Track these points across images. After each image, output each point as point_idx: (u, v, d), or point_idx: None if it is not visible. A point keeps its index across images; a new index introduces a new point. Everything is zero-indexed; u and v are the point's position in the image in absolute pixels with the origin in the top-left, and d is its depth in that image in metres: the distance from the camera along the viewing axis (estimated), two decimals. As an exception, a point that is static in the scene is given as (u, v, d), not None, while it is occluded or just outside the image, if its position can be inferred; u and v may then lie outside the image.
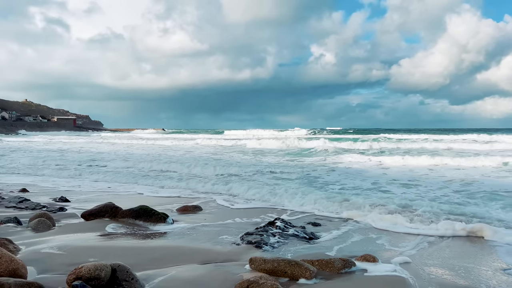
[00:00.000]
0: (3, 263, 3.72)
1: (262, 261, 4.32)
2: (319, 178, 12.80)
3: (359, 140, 35.93)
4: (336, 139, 39.87)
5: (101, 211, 7.14)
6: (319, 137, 47.75)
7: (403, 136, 44.34)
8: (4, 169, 16.92)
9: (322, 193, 9.63)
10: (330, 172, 14.35)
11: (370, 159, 19.14)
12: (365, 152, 24.30)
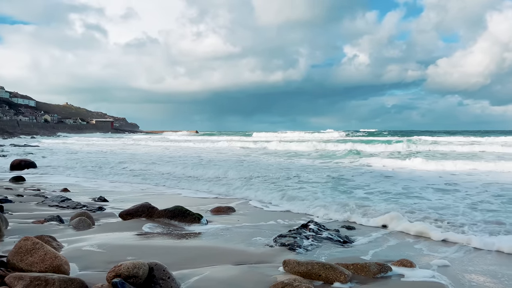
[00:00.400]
0: (47, 259, 3.90)
1: (296, 263, 4.31)
2: (349, 182, 12.43)
3: (393, 142, 35.04)
4: (368, 141, 38.99)
5: (138, 211, 7.34)
6: (351, 139, 46.93)
7: (439, 139, 42.72)
8: (46, 170, 17.68)
9: (350, 198, 9.43)
10: (359, 176, 13.80)
11: (404, 162, 18.48)
12: (399, 155, 23.66)
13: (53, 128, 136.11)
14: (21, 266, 3.84)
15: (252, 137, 64.68)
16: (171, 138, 65.59)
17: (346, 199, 9.24)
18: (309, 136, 61.42)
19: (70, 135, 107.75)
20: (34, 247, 3.94)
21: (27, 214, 7.42)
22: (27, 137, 78.29)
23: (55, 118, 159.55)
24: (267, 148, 33.56)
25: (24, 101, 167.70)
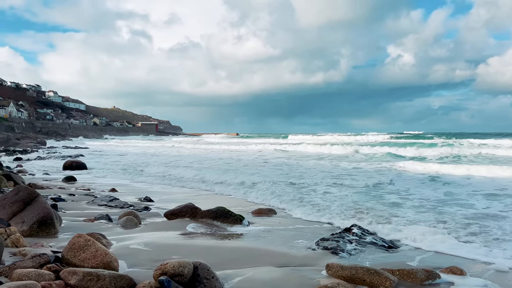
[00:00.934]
0: (98, 256, 4.08)
1: (339, 267, 4.24)
2: (387, 187, 11.81)
3: (439, 144, 33.57)
4: (413, 143, 37.49)
5: (182, 211, 7.51)
6: (396, 141, 45.44)
7: (490, 141, 40.18)
8: (95, 170, 18.49)
9: (387, 205, 9.10)
10: (400, 180, 13.27)
11: (449, 166, 17.37)
12: (445, 159, 22.55)
13: (101, 130, 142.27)
14: (75, 262, 4.04)
15: (287, 139, 64.29)
16: (208, 141, 66.93)
17: (383, 207, 8.85)
18: (350, 139, 60.14)
19: (117, 137, 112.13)
20: (86, 244, 4.13)
21: (79, 213, 7.81)
22: (77, 139, 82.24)
23: (103, 121, 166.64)
24: (302, 152, 32.88)
25: (75, 105, 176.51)
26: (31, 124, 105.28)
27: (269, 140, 62.24)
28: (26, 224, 5.76)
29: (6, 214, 5.99)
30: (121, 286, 3.65)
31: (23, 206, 6.10)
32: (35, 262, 3.93)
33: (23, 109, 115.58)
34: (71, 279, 3.61)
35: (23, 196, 6.20)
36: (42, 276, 3.52)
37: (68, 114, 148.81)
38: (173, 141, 71.56)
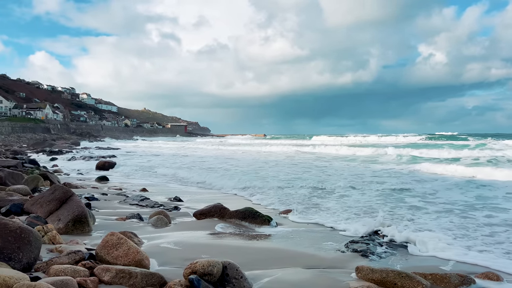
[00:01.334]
0: (130, 254, 4.18)
1: (369, 270, 4.18)
2: (414, 191, 11.32)
3: (472, 146, 32.34)
4: (443, 145, 36.24)
5: (211, 211, 7.59)
6: (428, 143, 44.23)
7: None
8: (126, 171, 18.95)
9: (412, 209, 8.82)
10: (428, 183, 12.77)
11: (483, 168, 16.46)
12: (479, 160, 21.61)
13: (132, 131, 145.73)
14: (108, 259, 4.16)
15: (311, 140, 63.54)
16: (232, 142, 67.42)
17: (403, 210, 8.50)
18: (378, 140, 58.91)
19: (147, 138, 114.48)
20: (119, 242, 4.24)
21: (111, 212, 8.02)
22: (109, 140, 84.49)
23: (134, 123, 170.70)
24: (325, 153, 31.87)
25: (107, 107, 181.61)
26: (66, 125, 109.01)
27: (293, 141, 62.03)
28: (62, 222, 5.97)
29: (43, 212, 6.23)
30: (152, 284, 3.73)
31: (59, 205, 6.33)
32: (71, 259, 4.07)
33: (58, 111, 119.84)
34: (104, 276, 3.72)
35: (59, 195, 6.43)
36: (78, 273, 3.64)
37: (100, 116, 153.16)
38: (197, 142, 72.64)
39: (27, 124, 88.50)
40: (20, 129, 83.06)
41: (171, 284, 3.54)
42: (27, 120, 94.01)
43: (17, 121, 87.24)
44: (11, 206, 6.52)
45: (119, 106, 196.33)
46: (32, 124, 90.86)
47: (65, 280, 3.28)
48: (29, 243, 3.87)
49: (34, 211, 6.30)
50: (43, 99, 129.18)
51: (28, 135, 77.25)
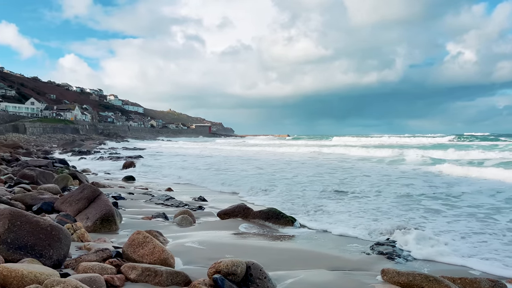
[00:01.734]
0: (156, 252, 4.24)
1: (395, 273, 4.09)
2: (437, 193, 11.05)
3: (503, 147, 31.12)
4: (471, 146, 34.98)
5: (234, 211, 7.63)
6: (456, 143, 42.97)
7: None
8: (152, 170, 19.26)
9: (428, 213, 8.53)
10: (454, 186, 12.27)
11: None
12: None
13: (158, 132, 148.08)
14: (134, 257, 4.23)
15: (331, 141, 62.72)
16: (252, 143, 67.75)
17: (421, 213, 8.30)
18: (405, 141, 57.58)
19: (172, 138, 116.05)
20: (145, 240, 4.32)
21: (137, 211, 8.17)
22: (136, 141, 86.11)
23: (160, 123, 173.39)
24: (345, 154, 30.80)
25: (134, 108, 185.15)
26: (94, 126, 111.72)
27: (313, 141, 61.60)
28: (90, 220, 6.12)
29: (72, 211, 6.41)
30: (177, 283, 3.77)
31: (88, 204, 6.49)
32: (99, 256, 4.17)
33: (87, 112, 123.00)
34: (131, 274, 3.79)
35: (88, 194, 6.60)
36: (105, 270, 3.72)
37: (127, 117, 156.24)
38: (217, 142, 73.49)
39: (57, 125, 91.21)
40: (51, 129, 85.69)
41: (196, 283, 3.58)
42: (57, 121, 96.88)
43: (48, 122, 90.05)
44: (42, 204, 6.73)
45: (145, 107, 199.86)
46: (62, 125, 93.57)
47: (93, 277, 3.36)
48: (59, 241, 3.99)
49: (63, 210, 6.49)
50: (72, 100, 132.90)
51: (58, 136, 79.65)
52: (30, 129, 78.57)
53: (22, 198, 7.11)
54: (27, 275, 3.11)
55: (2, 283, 3.06)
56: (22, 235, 3.84)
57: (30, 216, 4.05)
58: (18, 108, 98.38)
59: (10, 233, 3.80)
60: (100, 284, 3.35)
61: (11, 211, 3.98)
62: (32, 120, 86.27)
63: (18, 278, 3.08)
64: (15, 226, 3.86)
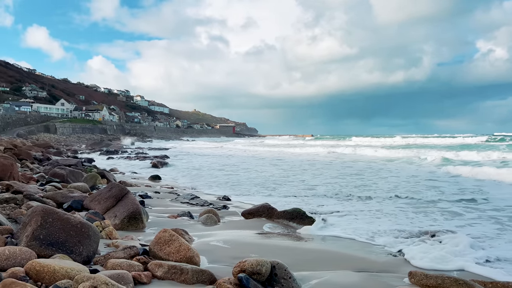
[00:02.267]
0: (182, 250, 4.30)
1: (423, 276, 4.01)
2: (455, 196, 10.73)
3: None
4: (495, 147, 33.48)
5: (259, 211, 7.64)
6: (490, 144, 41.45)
7: None
8: (177, 170, 19.52)
9: None
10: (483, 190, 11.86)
11: None
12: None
13: (183, 132, 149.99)
14: (160, 255, 4.30)
15: (350, 141, 61.76)
16: (271, 143, 67.58)
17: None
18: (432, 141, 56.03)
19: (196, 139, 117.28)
20: (171, 238, 4.38)
21: (163, 209, 8.29)
22: (161, 141, 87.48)
23: (185, 124, 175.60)
24: (365, 155, 30.16)
25: (159, 109, 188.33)
26: (121, 126, 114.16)
27: (331, 142, 61.06)
28: (118, 218, 6.26)
29: (101, 209, 6.56)
30: (203, 281, 3.81)
31: (115, 202, 6.64)
32: (126, 254, 4.26)
33: (114, 113, 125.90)
34: (157, 271, 3.85)
35: (115, 193, 6.75)
36: (133, 267, 3.80)
37: (153, 117, 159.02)
38: (235, 142, 73.93)
39: (86, 125, 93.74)
40: (80, 129, 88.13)
41: (221, 281, 3.60)
42: (86, 121, 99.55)
43: (77, 122, 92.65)
44: (72, 202, 6.93)
45: (170, 108, 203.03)
46: (91, 125, 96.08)
47: (121, 274, 3.43)
48: (88, 237, 4.10)
49: (92, 208, 6.65)
50: (100, 101, 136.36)
51: (87, 136, 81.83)
52: (60, 129, 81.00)
53: (53, 196, 7.33)
54: (58, 270, 3.21)
55: (35, 278, 3.17)
56: (54, 231, 3.96)
57: (61, 213, 4.17)
58: (49, 109, 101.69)
59: (43, 230, 3.93)
60: (128, 280, 3.42)
61: (44, 208, 4.12)
62: (62, 121, 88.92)
63: (50, 273, 3.18)
64: (47, 223, 3.98)
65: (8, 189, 7.60)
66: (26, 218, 4.22)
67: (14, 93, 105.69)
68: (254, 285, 3.59)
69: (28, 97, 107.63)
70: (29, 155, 17.35)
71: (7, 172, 9.14)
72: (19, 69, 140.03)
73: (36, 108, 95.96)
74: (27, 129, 70.05)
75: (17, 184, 7.90)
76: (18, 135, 56.36)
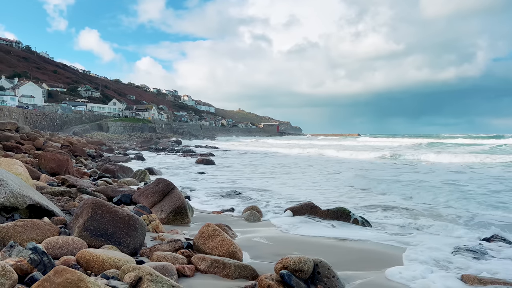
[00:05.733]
0: (224, 245, 4.33)
1: (477, 280, 3.79)
2: None
3: None
4: None
5: (302, 209, 7.55)
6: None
7: None
8: (222, 167, 19.77)
9: None
10: None
11: None
12: None
13: (228, 131, 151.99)
14: (204, 249, 4.36)
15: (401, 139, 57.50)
16: (319, 144, 65.83)
17: None
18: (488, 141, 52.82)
19: (241, 137, 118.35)
20: (214, 233, 4.43)
21: (208, 205, 8.41)
22: (207, 139, 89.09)
23: (230, 123, 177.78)
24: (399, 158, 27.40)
25: (205, 108, 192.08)
26: (169, 125, 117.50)
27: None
28: (164, 213, 6.43)
29: (148, 203, 6.78)
30: (245, 275, 3.82)
31: (162, 197, 6.83)
32: (171, 247, 4.36)
33: (163, 112, 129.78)
34: (200, 265, 3.91)
35: (162, 188, 6.94)
36: (177, 260, 3.88)
37: (199, 116, 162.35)
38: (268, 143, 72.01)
39: (136, 124, 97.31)
40: (130, 128, 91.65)
41: (263, 277, 3.59)
42: (136, 120, 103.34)
43: (128, 121, 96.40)
44: (121, 196, 7.20)
45: (216, 107, 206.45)
46: (141, 124, 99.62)
47: (165, 266, 3.51)
48: (135, 230, 4.23)
49: (140, 202, 6.88)
50: (149, 101, 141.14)
51: (137, 134, 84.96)
52: (112, 128, 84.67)
53: (104, 190, 7.67)
54: (107, 260, 3.34)
55: (85, 266, 3.31)
56: (103, 223, 4.13)
57: (110, 206, 4.33)
58: (102, 108, 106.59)
59: (93, 221, 4.10)
60: (172, 272, 3.49)
61: (94, 201, 4.30)
62: (114, 120, 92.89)
63: (99, 262, 3.31)
64: (97, 215, 4.16)
65: (63, 183, 8.03)
66: (78, 210, 4.43)
67: (70, 93, 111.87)
68: (296, 282, 3.55)
69: (83, 97, 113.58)
70: (83, 151, 18.28)
71: (63, 167, 9.68)
72: (75, 70, 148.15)
73: (90, 107, 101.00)
74: (82, 127, 73.90)
75: (72, 179, 8.34)
76: (74, 133, 59.64)
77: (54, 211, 4.88)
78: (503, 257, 5.06)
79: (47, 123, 63.56)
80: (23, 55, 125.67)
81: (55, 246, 3.62)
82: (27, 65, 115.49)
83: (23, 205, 4.48)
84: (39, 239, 3.80)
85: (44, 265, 3.07)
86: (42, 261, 3.08)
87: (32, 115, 59.99)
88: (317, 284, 3.71)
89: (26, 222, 3.93)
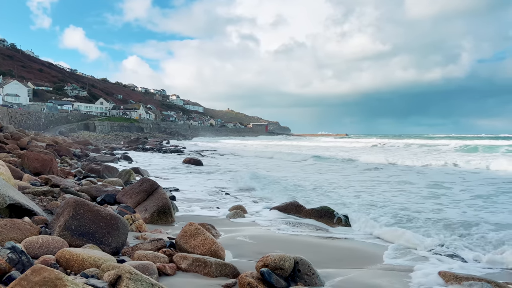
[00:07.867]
0: (206, 244, 4.36)
1: (453, 276, 3.87)
2: None
3: None
4: None
5: (287, 208, 7.62)
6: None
7: None
8: (210, 167, 19.76)
9: None
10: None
11: None
12: None
13: (216, 131, 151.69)
14: (186, 248, 4.38)
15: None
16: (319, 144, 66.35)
17: None
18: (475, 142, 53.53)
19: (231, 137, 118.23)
20: (197, 232, 4.45)
21: (193, 204, 8.40)
22: (195, 139, 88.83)
23: (219, 122, 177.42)
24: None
25: (194, 108, 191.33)
26: (157, 125, 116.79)
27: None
28: (148, 212, 6.42)
29: (132, 203, 6.76)
30: (226, 274, 3.85)
31: (146, 196, 6.81)
32: (153, 246, 4.36)
33: (150, 112, 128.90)
34: (182, 263, 3.93)
35: (146, 187, 6.93)
36: (158, 258, 3.89)
37: (188, 116, 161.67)
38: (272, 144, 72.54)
39: (123, 124, 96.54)
40: (118, 128, 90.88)
41: (243, 275, 3.62)
42: (124, 119, 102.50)
43: (115, 121, 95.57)
44: (105, 196, 7.17)
45: (204, 107, 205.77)
46: (128, 123, 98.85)
47: (146, 264, 3.52)
48: (117, 229, 4.23)
49: (124, 201, 6.86)
50: (137, 100, 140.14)
51: (124, 133, 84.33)
52: (99, 127, 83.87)
53: (88, 190, 7.62)
54: (87, 259, 3.33)
55: (64, 265, 3.31)
56: (85, 222, 4.12)
57: (92, 205, 4.32)
58: (88, 108, 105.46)
59: (74, 220, 4.09)
60: (152, 271, 3.50)
61: (75, 200, 4.29)
62: (101, 119, 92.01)
63: (79, 261, 3.31)
64: (79, 214, 4.14)
65: (46, 182, 7.96)
66: (60, 209, 4.41)
67: (56, 92, 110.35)
68: (276, 279, 3.59)
69: (69, 96, 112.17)
70: (69, 151, 18.09)
71: (47, 167, 9.58)
72: (61, 69, 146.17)
73: (77, 106, 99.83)
74: (68, 127, 73.05)
75: (55, 178, 8.26)
76: (60, 133, 58.92)
77: (35, 210, 4.84)
78: None
79: (32, 123, 62.66)
80: (7, 53, 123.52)
81: (35, 245, 3.60)
82: (12, 64, 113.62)
83: (3, 204, 4.44)
84: (18, 239, 3.77)
85: (23, 264, 3.06)
86: (21, 260, 3.07)
87: (17, 114, 59.07)
88: (297, 281, 3.76)
89: (5, 222, 3.90)
